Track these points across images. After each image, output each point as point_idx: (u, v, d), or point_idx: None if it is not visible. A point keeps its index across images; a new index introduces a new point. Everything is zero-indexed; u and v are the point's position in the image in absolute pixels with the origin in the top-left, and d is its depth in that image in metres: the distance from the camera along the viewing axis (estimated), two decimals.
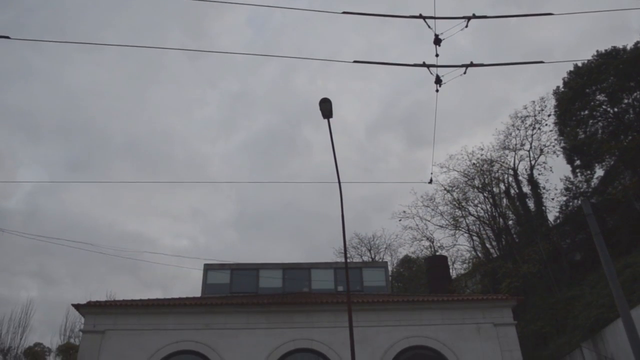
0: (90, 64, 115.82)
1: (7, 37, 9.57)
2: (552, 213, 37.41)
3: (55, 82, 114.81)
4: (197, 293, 26.22)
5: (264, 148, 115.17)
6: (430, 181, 23.44)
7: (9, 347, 37.14)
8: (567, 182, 36.50)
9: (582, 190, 35.33)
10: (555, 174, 57.12)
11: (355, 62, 10.79)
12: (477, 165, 39.01)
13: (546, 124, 37.33)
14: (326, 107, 14.52)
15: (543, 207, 36.56)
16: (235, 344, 18.69)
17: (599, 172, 34.81)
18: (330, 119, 14.75)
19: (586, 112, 34.94)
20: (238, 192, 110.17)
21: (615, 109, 34.05)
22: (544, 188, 37.01)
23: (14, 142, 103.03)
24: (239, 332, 18.91)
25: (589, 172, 35.46)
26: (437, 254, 41.36)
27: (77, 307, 19.44)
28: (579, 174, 36.14)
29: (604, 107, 34.54)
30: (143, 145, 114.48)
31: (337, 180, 15.15)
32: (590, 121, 35.01)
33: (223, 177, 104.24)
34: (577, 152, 35.34)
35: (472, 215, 39.80)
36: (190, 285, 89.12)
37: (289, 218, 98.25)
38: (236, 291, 24.56)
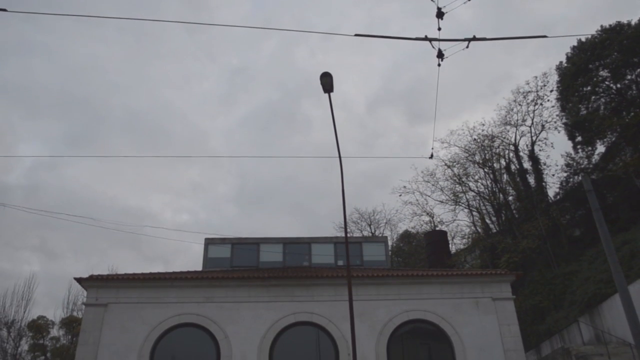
0: (89, 38, 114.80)
1: (4, 10, 9.46)
2: (552, 189, 37.51)
3: (53, 56, 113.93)
4: (198, 267, 26.42)
5: (264, 123, 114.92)
6: (431, 156, 23.48)
7: (12, 320, 37.62)
8: (568, 158, 36.50)
9: (582, 166, 35.32)
10: (556, 150, 57.19)
11: (356, 35, 10.70)
12: (478, 140, 38.97)
13: (548, 100, 37.20)
14: (327, 82, 14.43)
15: (543, 183, 36.62)
16: (237, 317, 18.89)
17: (600, 148, 34.78)
18: (331, 94, 14.68)
19: (589, 88, 34.73)
20: (238, 167, 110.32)
21: (618, 85, 33.84)
22: (544, 164, 37.04)
23: (13, 117, 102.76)
24: (240, 306, 19.11)
25: (590, 148, 35.39)
26: (437, 229, 41.57)
27: (79, 280, 19.61)
28: (580, 150, 36.08)
29: (606, 83, 34.31)
30: (143, 120, 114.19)
31: (337, 155, 15.14)
32: (593, 97, 34.83)
33: (223, 152, 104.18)
34: (578, 128, 35.22)
35: (472, 190, 39.90)
36: (191, 260, 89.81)
37: (289, 193, 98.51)
38: (237, 265, 24.73)
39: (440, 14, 10.79)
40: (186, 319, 18.87)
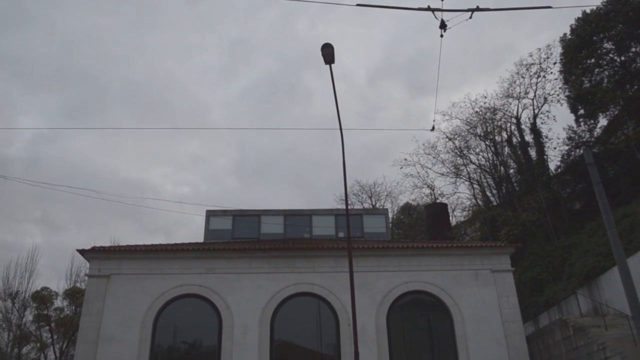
0: (86, 10, 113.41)
1: None
2: (554, 162, 37.47)
3: (51, 28, 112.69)
4: (200, 239, 26.59)
5: (265, 95, 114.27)
6: (433, 128, 23.35)
7: (16, 291, 38.06)
8: (570, 131, 36.34)
9: (584, 139, 35.19)
10: (558, 123, 56.80)
11: (358, 5, 10.57)
12: (480, 113, 38.81)
13: (551, 72, 36.91)
14: (328, 53, 14.30)
15: (545, 156, 36.56)
16: (238, 287, 19.09)
17: (603, 121, 34.59)
18: (332, 65, 14.56)
19: (592, 60, 34.39)
20: (239, 140, 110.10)
21: (622, 58, 33.49)
22: (546, 137, 36.93)
23: (11, 89, 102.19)
24: (242, 277, 19.29)
25: (592, 121, 35.21)
26: (438, 201, 41.69)
27: (81, 252, 19.77)
28: (582, 124, 35.91)
29: (610, 55, 33.95)
30: (142, 92, 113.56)
31: (338, 127, 15.09)
32: (596, 70, 34.50)
33: (223, 124, 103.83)
34: (581, 101, 34.98)
35: (474, 163, 39.90)
36: (192, 232, 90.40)
37: (290, 165, 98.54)
38: (238, 237, 24.86)
39: None
40: (188, 289, 19.08)
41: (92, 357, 17.76)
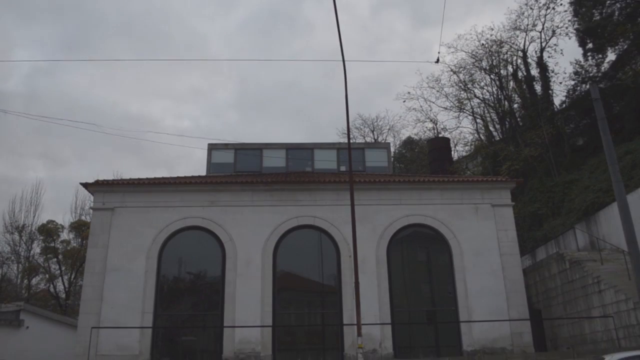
0: None
1: None
2: (559, 97, 36.99)
3: None
4: (202, 173, 26.71)
5: (265, 26, 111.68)
6: (437, 60, 22.90)
7: (23, 225, 38.62)
8: (577, 65, 35.60)
9: (591, 74, 34.55)
10: (565, 58, 55.69)
11: None
12: (486, 46, 37.96)
13: (561, 4, 35.75)
14: None
15: (550, 91, 36.06)
16: (241, 220, 19.35)
17: (611, 56, 33.79)
18: None
19: None
20: (239, 73, 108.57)
21: None
22: (552, 71, 36.27)
23: (5, 22, 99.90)
24: (244, 210, 19.51)
25: (600, 56, 34.42)
26: (440, 135, 41.52)
27: (85, 185, 19.92)
28: (589, 58, 35.13)
29: None
30: (139, 24, 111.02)
31: (340, 59, 14.83)
32: (608, 2, 33.39)
33: (223, 57, 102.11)
34: (590, 34, 34.07)
35: (478, 97, 39.44)
36: (194, 166, 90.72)
37: (291, 99, 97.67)
38: (240, 170, 24.96)
39: None
40: (192, 222, 19.35)
41: (100, 287, 18.26)
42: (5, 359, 20.07)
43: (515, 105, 38.23)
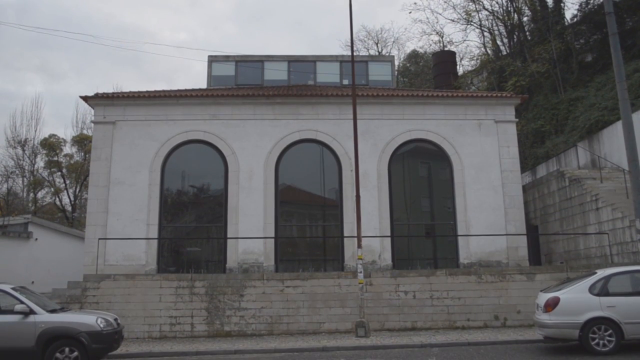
0: None
1: None
2: (571, 10, 35.87)
3: None
4: (202, 86, 26.36)
5: None
6: None
7: (25, 139, 38.63)
8: None
9: None
10: None
11: None
12: None
13: None
14: None
15: (561, 4, 34.75)
16: (243, 133, 19.31)
17: None
18: None
19: None
20: None
21: None
22: None
23: None
24: (246, 123, 19.42)
25: None
26: (446, 49, 40.58)
27: (85, 99, 19.71)
28: None
29: None
30: None
31: None
32: None
33: None
34: None
35: (486, 9, 38.03)
36: (193, 79, 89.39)
37: (291, 9, 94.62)
38: (241, 84, 24.61)
39: None
40: (194, 135, 19.33)
41: (105, 200, 18.52)
42: (17, 269, 20.71)
43: (525, 19, 36.99)
